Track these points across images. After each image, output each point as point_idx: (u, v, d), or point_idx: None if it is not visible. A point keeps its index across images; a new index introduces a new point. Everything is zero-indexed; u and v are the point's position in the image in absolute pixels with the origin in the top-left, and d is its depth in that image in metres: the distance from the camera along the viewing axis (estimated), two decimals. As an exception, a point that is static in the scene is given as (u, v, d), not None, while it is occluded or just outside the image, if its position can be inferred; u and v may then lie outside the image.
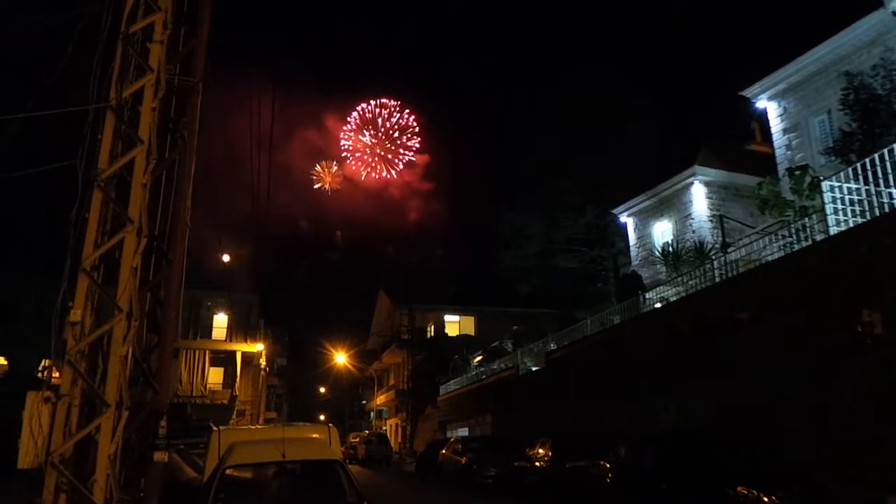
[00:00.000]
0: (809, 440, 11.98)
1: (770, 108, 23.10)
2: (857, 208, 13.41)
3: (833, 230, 13.34)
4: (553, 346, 28.10)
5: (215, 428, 9.04)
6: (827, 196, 13.66)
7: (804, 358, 12.76)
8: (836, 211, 13.56)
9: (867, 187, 13.42)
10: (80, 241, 8.39)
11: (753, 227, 20.04)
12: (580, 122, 34.46)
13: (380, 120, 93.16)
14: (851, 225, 13.15)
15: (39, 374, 8.57)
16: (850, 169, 13.83)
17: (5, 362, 34.59)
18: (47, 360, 8.71)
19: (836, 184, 13.65)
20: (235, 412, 44.14)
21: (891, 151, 12.68)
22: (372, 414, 71.47)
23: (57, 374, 8.56)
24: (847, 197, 13.53)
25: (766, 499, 9.83)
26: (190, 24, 9.99)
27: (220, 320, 48.14)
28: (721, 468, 11.00)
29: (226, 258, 45.42)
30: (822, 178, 14.54)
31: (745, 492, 10.03)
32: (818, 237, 14.10)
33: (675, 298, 19.79)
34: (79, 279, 8.31)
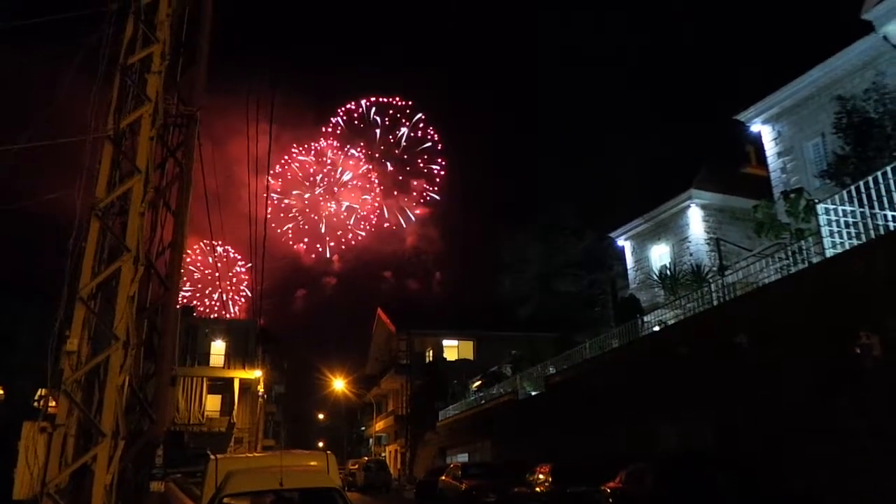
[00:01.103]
0: (810, 463, 11.91)
1: (764, 131, 23.28)
2: (853, 230, 13.46)
3: (829, 252, 13.38)
4: (552, 371, 28.01)
5: (212, 456, 8.98)
6: (822, 219, 13.71)
7: (803, 381, 12.73)
8: (831, 233, 13.60)
9: (862, 210, 13.47)
10: (78, 270, 8.40)
11: (750, 250, 20.09)
12: (577, 148, 34.71)
13: (377, 131, 76.50)
14: (847, 247, 13.19)
15: (36, 404, 8.52)
16: (844, 192, 13.90)
17: (2, 391, 34.32)
18: (44, 390, 8.66)
19: (832, 206, 13.71)
20: (233, 440, 43.77)
21: (885, 174, 12.75)
22: (371, 440, 70.93)
23: (53, 404, 8.51)
24: (842, 219, 13.58)
25: (767, 524, 9.79)
26: (188, 54, 10.10)
27: (218, 347, 47.93)
28: (722, 492, 10.95)
29: None
30: (817, 200, 14.62)
31: (746, 516, 9.98)
32: (814, 259, 14.14)
33: (673, 322, 19.79)
34: (76, 308, 8.30)
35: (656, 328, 21.14)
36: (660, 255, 29.08)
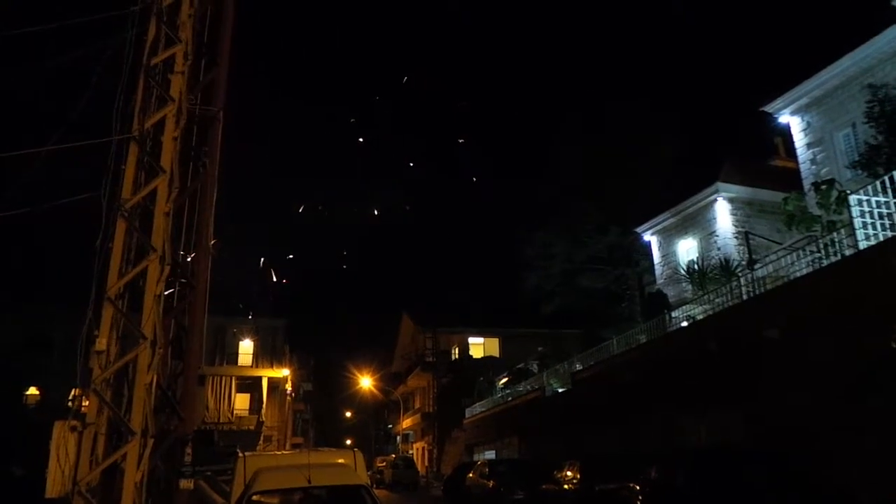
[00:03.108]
0: (845, 460, 11.67)
1: (793, 122, 22.89)
2: (887, 222, 13.18)
3: (862, 244, 13.10)
4: (579, 367, 27.83)
5: (241, 454, 9.03)
6: (855, 210, 13.44)
7: (838, 375, 12.49)
8: (864, 225, 13.33)
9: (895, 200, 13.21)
10: (105, 270, 8.48)
11: (780, 244, 19.76)
12: (602, 141, 34.36)
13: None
14: (881, 239, 12.92)
15: (70, 404, 8.62)
16: (878, 182, 13.62)
17: (38, 392, 34.97)
18: (77, 390, 8.76)
19: (864, 197, 13.44)
20: (262, 438, 44.19)
21: (919, 164, 12.48)
22: (398, 438, 71.16)
23: (86, 403, 8.60)
24: (875, 210, 13.31)
25: (801, 520, 9.61)
26: (210, 54, 10.15)
27: (246, 346, 48.36)
28: (755, 488, 10.77)
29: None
30: (849, 191, 14.33)
31: (781, 513, 9.80)
32: (847, 252, 13.86)
33: (701, 317, 19.53)
34: (104, 308, 8.38)
35: (684, 323, 20.90)
36: (687, 249, 28.76)
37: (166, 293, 9.37)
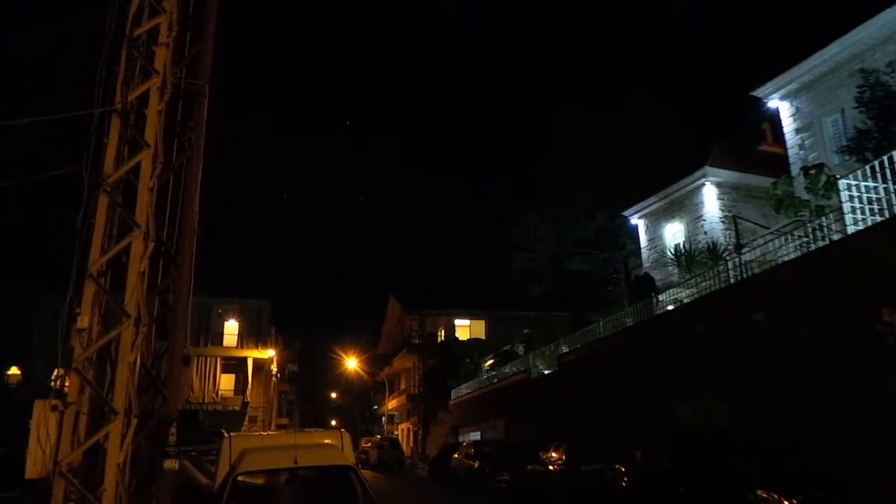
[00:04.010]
0: (831, 444, 11.74)
1: (782, 107, 22.86)
2: (875, 207, 13.21)
3: (850, 229, 13.13)
4: (565, 349, 27.90)
5: (226, 434, 8.93)
6: (844, 195, 13.46)
7: (824, 360, 12.54)
8: (853, 210, 13.35)
9: (885, 185, 13.23)
10: (87, 247, 8.29)
11: (767, 228, 19.80)
12: (590, 125, 34.30)
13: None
14: (869, 224, 12.94)
15: (53, 384, 8.46)
16: (867, 167, 13.63)
17: (19, 372, 34.68)
18: (60, 370, 8.61)
19: (854, 182, 13.46)
20: (247, 418, 44.16)
21: (909, 149, 12.48)
22: (383, 419, 71.38)
23: (69, 383, 8.44)
24: (864, 195, 13.33)
25: (786, 503, 9.62)
26: (196, 26, 9.90)
27: (231, 327, 48.19)
28: (740, 471, 10.80)
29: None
30: (838, 176, 14.33)
31: (766, 495, 9.82)
32: (835, 237, 13.89)
33: (688, 300, 19.58)
34: (85, 285, 8.20)
35: (670, 307, 20.95)
36: (673, 233, 28.81)
37: (150, 271, 9.20)
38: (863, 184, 13.43)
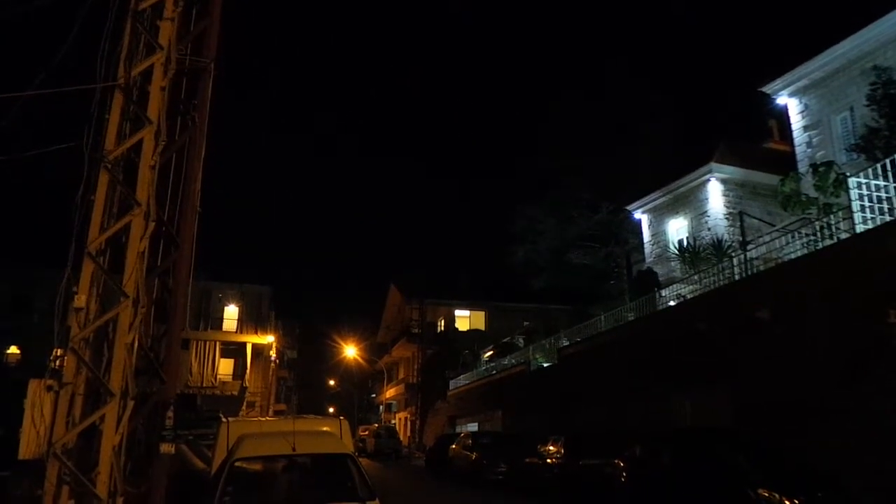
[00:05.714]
0: (833, 443, 11.63)
1: (791, 104, 22.66)
2: (885, 206, 13.06)
3: (859, 228, 12.98)
4: (565, 343, 27.81)
5: (224, 419, 8.83)
6: (853, 193, 13.32)
7: (828, 359, 12.42)
8: (862, 208, 13.21)
9: (895, 184, 13.07)
10: (86, 225, 8.15)
11: (772, 225, 19.66)
12: (595, 118, 34.02)
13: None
14: (878, 223, 12.79)
15: (52, 364, 8.32)
16: (878, 166, 13.48)
17: (18, 351, 34.64)
18: (59, 350, 8.49)
19: (864, 180, 13.31)
20: (245, 403, 44.10)
21: (922, 148, 12.32)
22: (381, 407, 71.43)
23: (65, 363, 8.31)
24: (874, 194, 13.18)
25: (787, 502, 9.51)
26: (202, 2, 9.72)
27: (231, 312, 48.05)
28: (741, 469, 10.68)
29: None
30: (847, 174, 14.18)
31: (767, 494, 9.69)
32: (843, 235, 13.74)
33: (691, 296, 19.45)
34: (84, 264, 8.06)
35: (672, 302, 20.83)
36: (677, 229, 28.65)
37: (150, 252, 9.06)
38: (872, 182, 13.29)
